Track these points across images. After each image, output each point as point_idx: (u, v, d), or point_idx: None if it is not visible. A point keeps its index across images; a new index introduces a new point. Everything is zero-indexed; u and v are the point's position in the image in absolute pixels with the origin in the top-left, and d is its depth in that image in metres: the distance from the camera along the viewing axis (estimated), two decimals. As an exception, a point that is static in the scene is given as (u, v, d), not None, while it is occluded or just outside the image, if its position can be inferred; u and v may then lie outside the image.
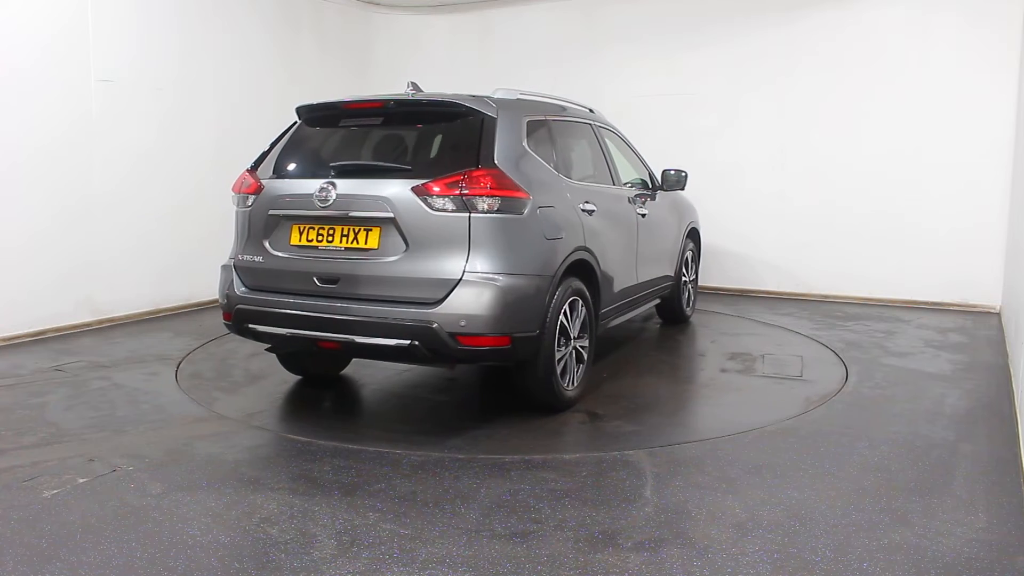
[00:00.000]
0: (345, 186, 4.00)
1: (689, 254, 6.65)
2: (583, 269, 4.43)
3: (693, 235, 6.77)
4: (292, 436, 3.94)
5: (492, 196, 3.82)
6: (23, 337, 5.98)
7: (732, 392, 4.78)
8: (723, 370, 5.22)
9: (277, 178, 4.31)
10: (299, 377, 5.08)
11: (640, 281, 5.45)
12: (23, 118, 5.91)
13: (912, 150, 7.36)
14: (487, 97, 4.27)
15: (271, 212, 4.21)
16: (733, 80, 8.06)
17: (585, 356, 4.46)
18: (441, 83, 8.64)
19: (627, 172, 5.79)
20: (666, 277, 6.09)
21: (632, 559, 2.70)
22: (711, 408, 4.59)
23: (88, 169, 6.38)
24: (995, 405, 4.47)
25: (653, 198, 5.83)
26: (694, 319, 6.90)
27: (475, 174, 3.84)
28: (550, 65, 8.85)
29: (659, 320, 6.78)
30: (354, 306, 3.89)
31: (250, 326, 4.22)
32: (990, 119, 7.02)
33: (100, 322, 6.55)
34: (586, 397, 4.55)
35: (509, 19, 9.11)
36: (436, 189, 3.81)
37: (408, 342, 3.78)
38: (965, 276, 7.29)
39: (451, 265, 3.78)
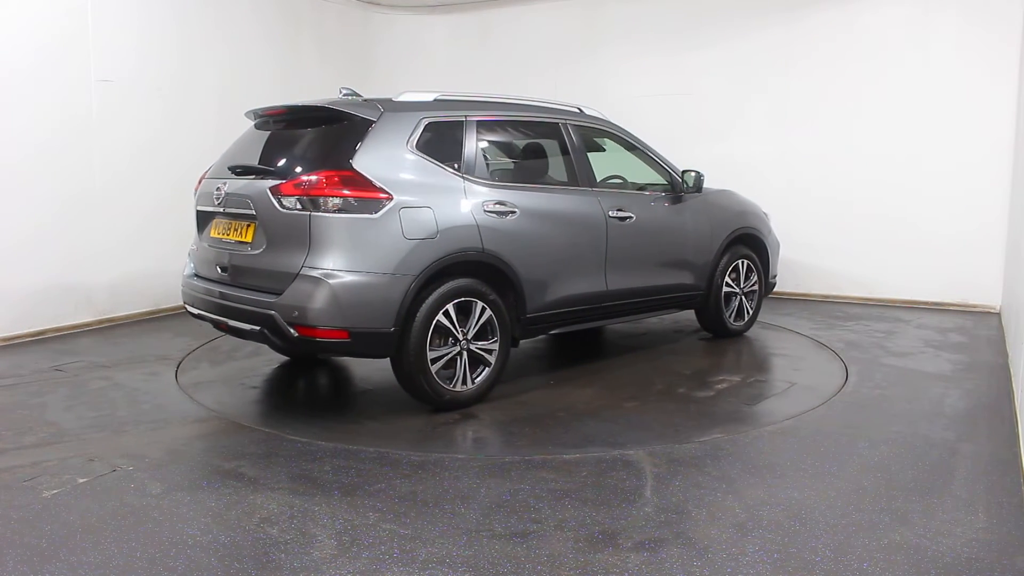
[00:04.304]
0: (230, 186, 4.41)
1: (740, 263, 6.05)
2: (487, 271, 4.43)
3: (747, 241, 6.14)
4: (292, 436, 3.94)
5: (335, 196, 3.99)
6: (23, 337, 5.98)
7: (645, 415, 4.30)
8: (680, 389, 4.78)
9: (207, 178, 4.78)
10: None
11: (613, 289, 5.13)
12: (22, 118, 5.91)
13: (912, 150, 7.36)
14: (379, 100, 4.40)
15: (198, 208, 4.77)
16: (733, 80, 8.07)
17: (491, 359, 4.44)
18: (441, 83, 8.65)
19: (643, 174, 5.65)
20: (682, 286, 5.67)
21: (632, 559, 2.70)
22: (594, 428, 4.08)
23: (88, 168, 6.38)
24: (995, 405, 4.47)
25: (677, 200, 5.62)
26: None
27: (318, 175, 4.04)
28: (550, 65, 8.85)
29: (707, 334, 6.21)
30: (231, 292, 4.33)
31: (185, 306, 4.78)
32: (990, 119, 7.01)
33: (100, 322, 6.55)
34: (494, 400, 4.50)
35: (509, 19, 9.11)
36: (285, 189, 4.08)
37: (258, 328, 4.13)
38: (965, 276, 7.28)
39: (293, 260, 4.03)
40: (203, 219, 4.71)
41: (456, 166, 4.43)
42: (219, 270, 4.46)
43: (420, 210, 4.16)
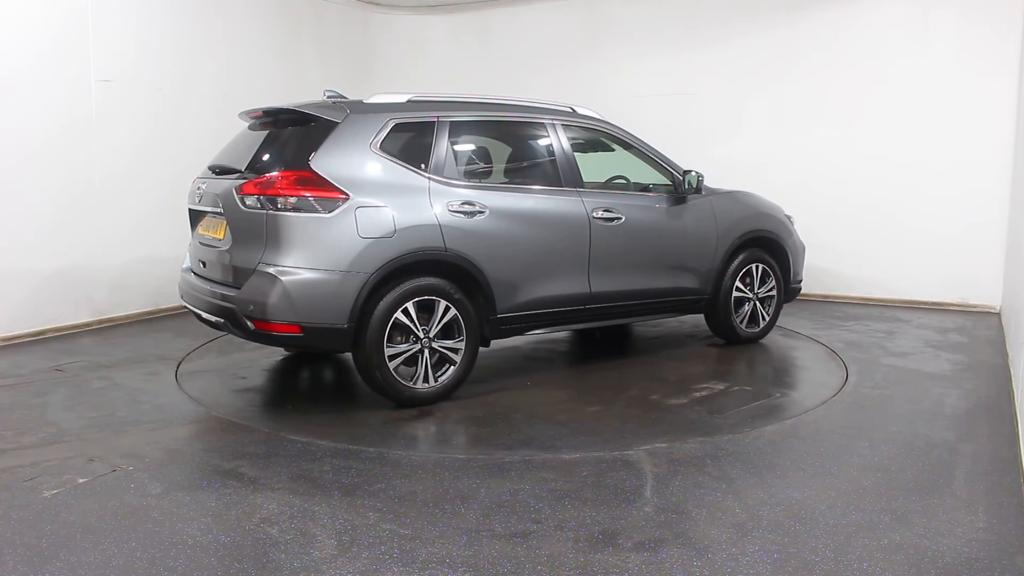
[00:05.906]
0: (209, 185, 4.57)
1: (755, 267, 5.82)
2: (452, 271, 4.43)
3: (764, 244, 5.91)
4: (292, 436, 3.94)
5: (290, 195, 4.10)
6: (23, 337, 5.98)
7: (601, 420, 4.20)
8: (654, 396, 4.64)
9: (197, 177, 4.88)
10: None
11: (598, 291, 5.03)
12: (23, 118, 5.90)
13: (912, 150, 7.36)
14: (349, 102, 4.49)
15: (188, 206, 4.91)
16: (733, 80, 8.07)
17: (457, 359, 4.44)
18: (442, 83, 8.66)
19: (647, 175, 5.58)
20: (682, 290, 5.50)
21: (632, 559, 2.70)
22: (540, 431, 4.01)
23: (88, 168, 6.38)
24: (995, 405, 4.47)
25: (679, 201, 5.49)
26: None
27: (275, 175, 4.18)
28: (550, 64, 8.85)
29: (720, 340, 5.96)
30: (205, 286, 4.51)
31: (181, 299, 4.94)
32: (990, 119, 7.01)
33: (100, 322, 6.55)
34: (460, 399, 4.49)
35: (509, 19, 9.11)
36: (246, 188, 4.21)
37: (222, 320, 4.32)
38: (965, 276, 7.28)
39: (252, 256, 4.18)
40: (194, 217, 4.89)
41: (423, 166, 4.46)
42: (202, 265, 4.67)
43: (378, 209, 4.22)
